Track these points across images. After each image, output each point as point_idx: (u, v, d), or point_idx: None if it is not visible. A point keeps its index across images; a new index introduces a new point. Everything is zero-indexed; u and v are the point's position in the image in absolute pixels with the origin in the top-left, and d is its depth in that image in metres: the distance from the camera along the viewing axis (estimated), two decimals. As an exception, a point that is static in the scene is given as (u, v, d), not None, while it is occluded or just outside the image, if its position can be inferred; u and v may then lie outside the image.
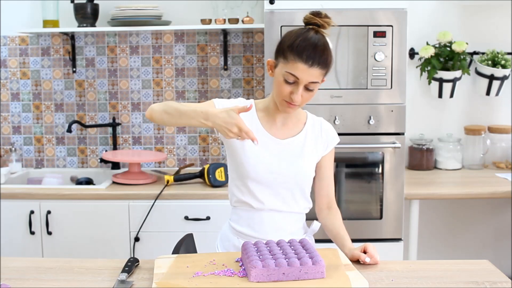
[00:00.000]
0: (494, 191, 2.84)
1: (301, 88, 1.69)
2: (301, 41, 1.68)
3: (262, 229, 1.81)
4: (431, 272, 1.63)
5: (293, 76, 1.68)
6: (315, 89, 1.72)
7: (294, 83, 1.69)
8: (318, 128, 1.87)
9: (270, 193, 1.80)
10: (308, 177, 1.84)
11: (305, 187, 1.84)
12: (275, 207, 1.81)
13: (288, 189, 1.81)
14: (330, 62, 1.72)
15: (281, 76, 1.70)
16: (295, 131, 1.85)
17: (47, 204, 2.81)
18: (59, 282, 1.57)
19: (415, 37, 3.25)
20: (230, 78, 3.30)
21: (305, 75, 1.67)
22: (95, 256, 2.77)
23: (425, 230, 3.34)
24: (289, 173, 1.79)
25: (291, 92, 1.70)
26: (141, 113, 3.35)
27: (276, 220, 1.82)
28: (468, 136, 3.30)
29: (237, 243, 1.84)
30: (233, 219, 1.89)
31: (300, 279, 1.49)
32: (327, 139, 1.87)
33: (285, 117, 1.84)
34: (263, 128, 1.82)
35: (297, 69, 1.67)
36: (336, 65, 2.72)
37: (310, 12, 1.75)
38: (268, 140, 1.81)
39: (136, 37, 3.29)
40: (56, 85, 3.33)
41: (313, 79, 1.68)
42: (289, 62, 1.68)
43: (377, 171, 2.80)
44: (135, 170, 3.02)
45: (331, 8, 2.67)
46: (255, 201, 1.81)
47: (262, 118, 1.83)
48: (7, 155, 3.32)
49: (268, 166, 1.78)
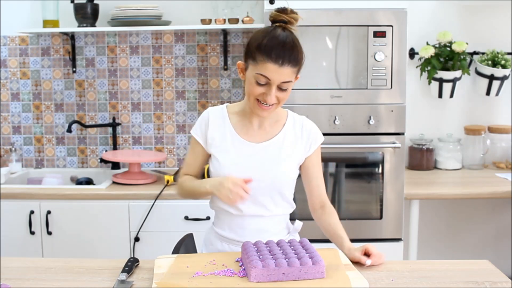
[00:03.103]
0: (494, 191, 2.84)
1: (273, 89, 1.64)
2: (269, 40, 1.62)
3: (244, 233, 1.77)
4: (431, 272, 1.63)
5: (264, 77, 1.63)
6: (288, 88, 1.67)
7: (266, 84, 1.64)
8: (299, 128, 1.80)
9: (249, 200, 1.70)
10: (287, 180, 1.77)
11: (285, 190, 1.78)
12: (255, 213, 1.76)
13: (266, 195, 1.75)
14: (300, 59, 1.66)
15: (253, 78, 1.65)
16: (272, 133, 1.78)
17: (47, 204, 2.81)
18: (59, 282, 1.57)
19: (415, 37, 3.25)
20: (230, 78, 3.30)
21: (277, 75, 1.62)
22: (95, 256, 2.77)
23: (425, 230, 3.34)
24: (266, 179, 1.73)
25: (263, 93, 1.65)
26: (141, 113, 3.35)
27: (257, 224, 1.78)
28: (468, 136, 3.30)
29: (220, 247, 1.82)
30: (216, 223, 1.86)
31: (300, 279, 1.49)
32: (308, 139, 1.80)
33: (262, 119, 1.78)
34: (236, 133, 1.77)
35: (268, 70, 1.61)
36: (336, 65, 2.72)
37: (275, 9, 1.69)
38: (242, 145, 1.76)
39: (136, 37, 3.29)
40: (56, 85, 3.33)
41: (285, 78, 1.63)
42: (259, 64, 1.62)
43: (377, 171, 2.80)
44: (135, 170, 3.02)
45: (331, 8, 2.68)
46: (234, 209, 1.77)
47: (236, 123, 1.79)
48: (7, 155, 3.32)
49: (243, 174, 1.68)
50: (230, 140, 1.76)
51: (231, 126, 1.78)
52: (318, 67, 2.72)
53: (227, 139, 1.77)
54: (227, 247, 1.81)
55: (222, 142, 1.77)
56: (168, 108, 3.33)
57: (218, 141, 1.78)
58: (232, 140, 1.76)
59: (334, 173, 2.83)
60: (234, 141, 1.76)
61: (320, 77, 2.73)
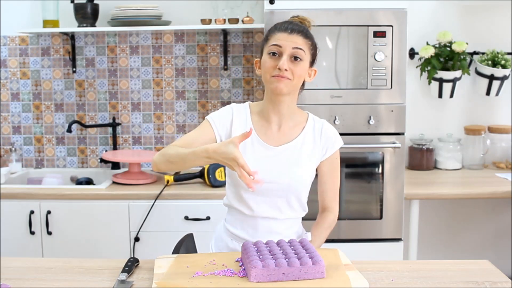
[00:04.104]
0: (494, 191, 2.84)
1: (285, 56, 1.68)
2: (279, 23, 1.75)
3: (256, 234, 1.78)
4: (431, 272, 1.63)
5: (275, 46, 1.69)
6: (303, 60, 1.70)
7: (279, 55, 1.70)
8: (318, 131, 1.81)
9: (264, 202, 1.75)
10: (304, 184, 1.78)
11: (302, 194, 1.79)
12: (269, 215, 1.78)
13: (283, 197, 1.77)
14: (310, 34, 1.75)
15: (266, 55, 1.72)
16: (291, 136, 1.79)
17: (47, 204, 2.81)
18: (59, 282, 1.57)
19: (415, 37, 3.25)
20: (230, 78, 3.30)
21: (287, 41, 1.68)
22: (95, 256, 2.77)
23: (425, 230, 3.34)
24: (283, 181, 1.74)
25: (277, 65, 1.69)
26: (141, 113, 3.35)
27: (270, 226, 1.78)
28: (468, 136, 3.30)
29: (231, 245, 1.83)
30: (228, 220, 1.86)
31: (300, 279, 1.49)
32: (326, 143, 1.81)
33: (281, 119, 1.79)
34: (257, 135, 1.77)
35: (278, 38, 1.69)
36: (336, 65, 2.72)
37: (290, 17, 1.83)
38: (261, 148, 1.77)
39: (136, 37, 3.29)
40: (56, 85, 3.33)
41: (295, 44, 1.69)
42: (269, 39, 1.72)
43: (377, 171, 2.80)
44: (135, 170, 3.02)
45: (331, 8, 2.68)
46: (247, 209, 1.78)
47: (256, 123, 1.79)
48: (7, 155, 3.32)
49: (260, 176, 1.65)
50: (250, 142, 1.76)
51: (252, 126, 1.79)
52: (318, 67, 2.69)
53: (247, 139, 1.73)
54: (237, 245, 1.81)
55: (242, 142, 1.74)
56: (168, 108, 3.33)
57: None
58: (252, 142, 1.76)
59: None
60: (254, 143, 1.77)
61: (320, 77, 2.71)
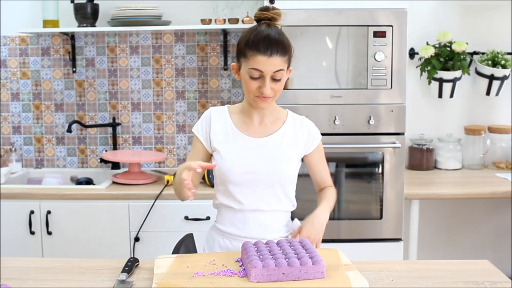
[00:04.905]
0: (494, 191, 2.84)
1: (267, 80, 1.71)
2: (255, 35, 1.72)
3: (246, 228, 1.82)
4: (431, 272, 1.63)
5: (256, 70, 1.71)
6: (282, 78, 1.74)
7: (260, 77, 1.72)
8: (299, 126, 1.87)
9: (251, 193, 1.80)
10: (288, 175, 1.83)
11: (287, 185, 1.84)
12: (257, 207, 1.82)
13: (269, 188, 1.81)
14: (288, 47, 1.75)
15: (246, 74, 1.73)
16: (272, 129, 1.85)
17: (47, 204, 2.81)
18: (59, 282, 1.57)
19: (415, 37, 3.25)
20: (230, 78, 3.30)
21: (267, 66, 1.69)
22: (95, 256, 2.77)
23: (425, 230, 3.34)
24: (268, 171, 1.79)
25: (259, 86, 1.73)
26: (141, 113, 3.35)
27: (259, 218, 1.82)
28: (468, 136, 3.30)
29: (222, 243, 1.86)
30: (218, 220, 1.90)
31: (300, 279, 1.49)
32: (308, 138, 1.87)
33: (262, 116, 1.85)
34: (238, 130, 1.83)
35: (258, 62, 1.70)
36: (336, 65, 2.72)
37: (258, 8, 1.81)
38: (243, 140, 1.82)
39: (136, 37, 3.29)
40: (56, 85, 3.33)
41: (276, 68, 1.71)
42: (249, 59, 1.71)
43: (377, 171, 2.80)
44: (135, 170, 3.02)
45: (331, 8, 2.68)
46: (236, 203, 1.82)
47: (237, 121, 1.85)
48: (7, 155, 3.32)
49: (245, 167, 1.78)
50: (232, 136, 1.83)
51: (233, 124, 1.85)
52: (318, 67, 2.72)
53: (228, 135, 1.83)
54: (229, 243, 1.84)
55: (224, 138, 1.84)
56: (168, 108, 3.33)
57: (220, 137, 1.84)
58: (234, 136, 1.83)
59: (334, 173, 2.83)
60: (236, 137, 1.83)
61: (320, 77, 2.73)
